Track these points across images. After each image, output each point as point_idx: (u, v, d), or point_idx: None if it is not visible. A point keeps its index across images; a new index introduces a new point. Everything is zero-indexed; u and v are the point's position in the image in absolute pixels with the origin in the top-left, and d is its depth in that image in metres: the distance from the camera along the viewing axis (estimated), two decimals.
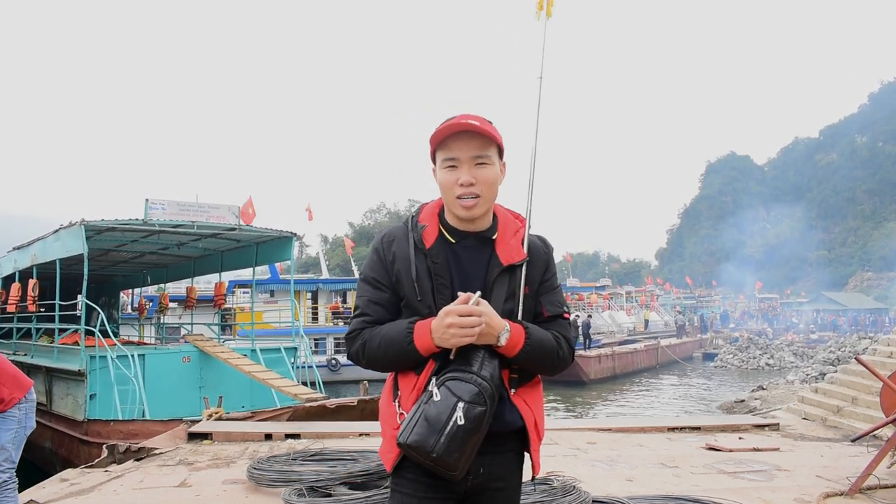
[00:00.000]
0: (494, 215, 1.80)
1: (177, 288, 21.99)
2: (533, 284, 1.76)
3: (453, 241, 1.74)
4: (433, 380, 1.61)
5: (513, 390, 1.70)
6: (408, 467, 1.66)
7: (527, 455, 1.79)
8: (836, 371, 10.82)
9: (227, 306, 22.48)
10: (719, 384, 24.03)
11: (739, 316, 52.14)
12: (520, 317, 1.71)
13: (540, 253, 1.80)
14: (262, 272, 28.59)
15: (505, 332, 1.62)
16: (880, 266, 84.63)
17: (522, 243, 1.76)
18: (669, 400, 20.51)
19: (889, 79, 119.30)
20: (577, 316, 28.68)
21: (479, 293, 1.61)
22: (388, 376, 1.78)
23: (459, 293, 1.61)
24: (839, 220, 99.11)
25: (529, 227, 1.79)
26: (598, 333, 29.97)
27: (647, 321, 43.13)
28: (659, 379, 26.21)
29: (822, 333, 38.03)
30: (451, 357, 1.62)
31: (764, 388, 16.87)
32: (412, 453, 1.56)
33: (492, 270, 1.71)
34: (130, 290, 20.08)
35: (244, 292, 25.57)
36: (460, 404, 1.53)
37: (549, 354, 1.71)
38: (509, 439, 1.72)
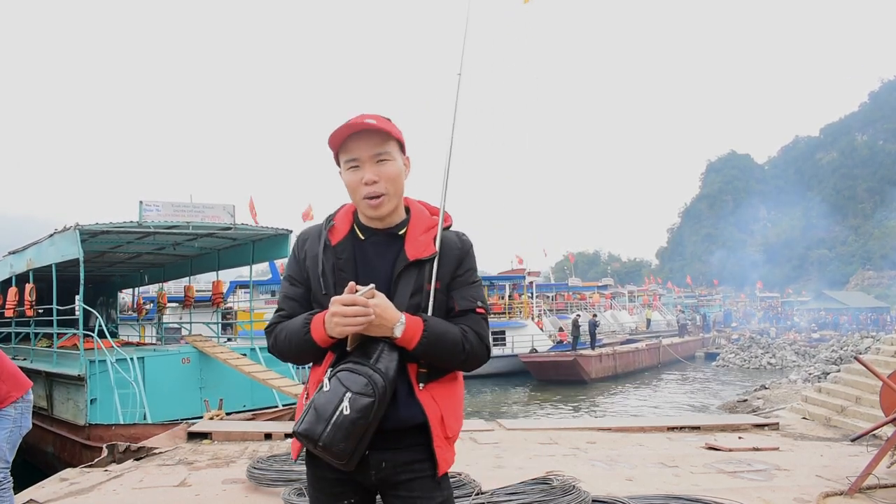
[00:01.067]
0: (408, 210, 1.83)
1: (177, 289, 22.02)
2: (444, 279, 1.76)
3: (363, 237, 1.79)
4: (328, 371, 1.65)
5: (421, 385, 1.70)
6: (318, 461, 1.71)
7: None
8: (838, 370, 10.81)
9: (228, 306, 22.52)
10: (721, 384, 24.00)
11: (742, 315, 52.07)
12: (429, 312, 1.71)
13: (453, 248, 1.79)
14: (264, 272, 28.58)
15: (399, 325, 1.63)
16: (881, 265, 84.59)
17: (434, 239, 1.77)
18: (671, 399, 20.49)
19: (889, 77, 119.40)
20: (578, 315, 28.66)
21: (372, 285, 1.62)
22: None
23: (351, 284, 1.62)
24: (840, 218, 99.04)
25: (442, 222, 1.80)
26: (600, 333, 29.96)
27: (649, 320, 43.11)
28: (660, 378, 26.19)
29: (824, 332, 37.97)
30: (348, 349, 1.65)
31: (766, 388, 16.85)
32: (304, 441, 1.61)
33: (397, 265, 1.74)
34: (132, 290, 20.07)
35: (246, 292, 25.60)
36: (347, 395, 1.57)
37: (453, 348, 1.69)
38: (409, 435, 1.70)
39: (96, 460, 6.18)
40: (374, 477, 1.71)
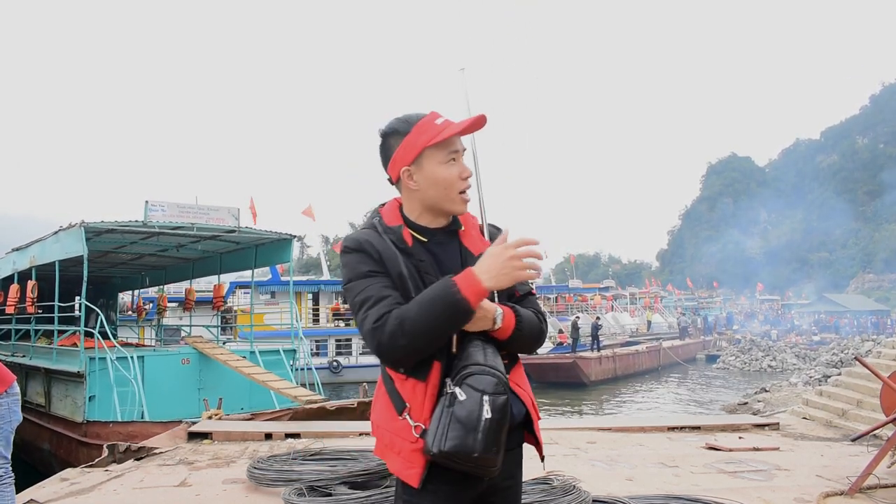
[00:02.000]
0: None
1: (177, 290, 22.00)
2: None
3: (424, 239, 1.73)
4: (448, 382, 1.56)
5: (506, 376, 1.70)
6: (429, 480, 1.60)
7: (528, 443, 1.78)
8: (839, 373, 10.79)
9: (227, 307, 22.51)
10: (722, 386, 24.00)
11: (744, 318, 52.04)
12: (496, 300, 1.69)
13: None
14: (263, 273, 28.57)
15: (499, 314, 1.62)
16: (881, 268, 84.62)
17: (483, 233, 1.78)
18: (671, 402, 20.48)
19: (890, 80, 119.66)
20: (578, 317, 28.64)
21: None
22: (378, 391, 1.72)
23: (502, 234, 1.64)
24: (840, 221, 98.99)
25: (484, 216, 1.80)
26: (601, 335, 29.95)
27: (649, 322, 43.09)
28: (660, 381, 26.16)
29: (825, 335, 37.96)
30: (454, 350, 1.60)
31: (767, 391, 16.83)
32: (450, 461, 1.50)
33: (466, 262, 1.70)
34: (132, 292, 20.09)
35: (245, 293, 25.57)
36: (486, 397, 1.50)
37: (536, 330, 1.72)
38: (516, 431, 1.70)
39: (97, 460, 6.17)
40: (486, 485, 1.64)
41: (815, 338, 36.55)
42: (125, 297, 22.18)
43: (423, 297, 1.56)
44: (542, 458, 1.80)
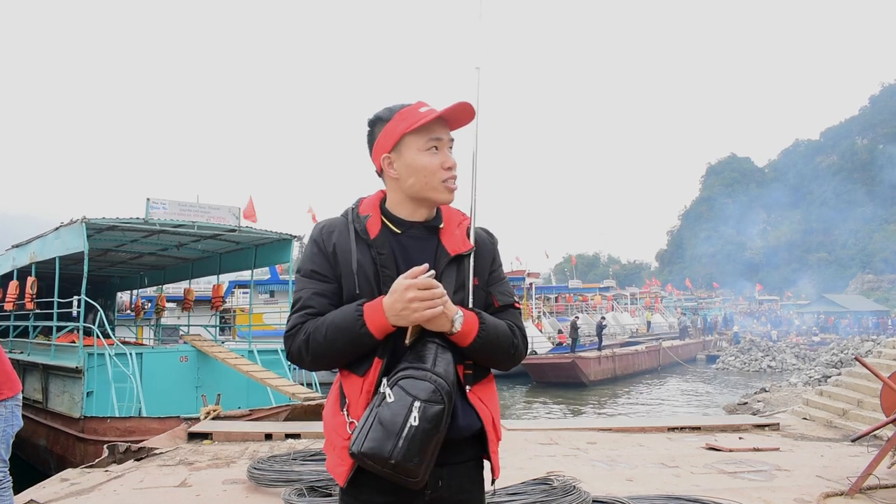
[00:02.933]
0: (438, 206, 1.74)
1: (176, 290, 21.97)
2: (482, 275, 1.70)
3: (398, 231, 1.66)
4: (384, 381, 1.49)
5: (468, 387, 1.61)
6: (360, 484, 1.54)
7: (486, 460, 1.67)
8: (839, 373, 10.80)
9: (226, 307, 22.49)
10: (721, 386, 24.00)
11: (743, 318, 52.01)
12: (471, 306, 1.62)
13: (486, 244, 1.73)
14: (262, 272, 28.49)
15: (459, 316, 1.53)
16: (881, 268, 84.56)
17: (468, 234, 1.68)
18: (670, 402, 20.47)
19: (889, 81, 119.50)
20: (577, 317, 28.63)
21: (432, 271, 1.50)
22: (334, 384, 1.65)
23: (414, 269, 1.50)
24: (839, 222, 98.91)
25: (474, 218, 1.71)
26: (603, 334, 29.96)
27: (649, 323, 43.10)
28: (660, 381, 26.16)
29: (825, 335, 37.97)
30: (407, 342, 1.52)
31: (766, 391, 16.82)
32: (368, 462, 1.42)
33: (439, 261, 1.63)
34: (131, 292, 20.07)
35: (244, 293, 25.53)
36: (416, 403, 1.42)
37: (505, 343, 1.62)
38: (467, 445, 1.61)
39: (97, 461, 6.18)
40: (428, 497, 1.56)
41: (815, 338, 36.56)
42: (124, 297, 22.17)
43: (331, 320, 1.54)
44: (493, 481, 1.69)
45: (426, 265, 1.50)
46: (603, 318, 30.45)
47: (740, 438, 7.02)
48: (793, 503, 4.49)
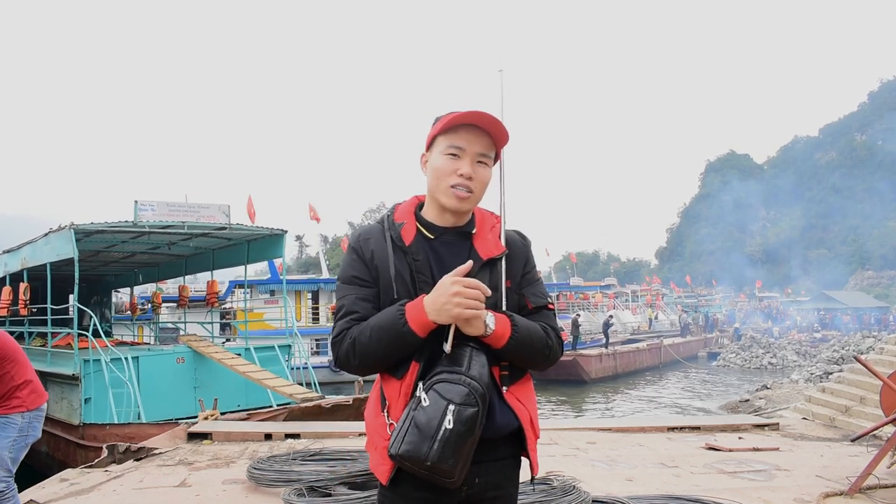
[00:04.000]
0: (472, 212, 1.78)
1: (174, 288, 21.98)
2: (514, 278, 1.73)
3: (431, 236, 1.71)
4: (420, 385, 1.55)
5: (505, 388, 1.66)
6: (401, 481, 1.61)
7: (524, 457, 1.72)
8: (840, 370, 10.79)
9: (227, 306, 22.49)
10: (723, 383, 24.02)
11: (745, 315, 51.98)
12: (504, 309, 1.67)
13: (518, 247, 1.78)
14: (263, 272, 28.44)
15: (490, 317, 1.58)
16: (880, 265, 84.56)
17: (500, 237, 1.73)
18: (671, 400, 20.48)
19: (889, 77, 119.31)
20: (579, 315, 28.64)
21: (470, 262, 1.58)
22: (374, 385, 1.73)
23: (459, 268, 1.56)
24: (839, 218, 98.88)
25: (504, 221, 1.76)
26: (601, 333, 29.95)
27: (651, 320, 43.11)
28: (661, 379, 26.17)
29: (826, 332, 37.97)
30: (447, 349, 1.56)
31: (768, 388, 16.84)
32: (405, 464, 1.50)
33: (473, 265, 1.66)
34: (130, 288, 20.06)
35: (244, 292, 25.48)
36: (451, 407, 1.47)
37: (539, 344, 1.66)
38: (504, 444, 1.67)
39: (96, 461, 6.17)
40: (465, 493, 1.63)
41: (816, 335, 36.57)
42: (124, 297, 22.16)
43: (376, 322, 1.60)
44: (532, 479, 1.77)
45: (470, 262, 1.56)
46: (611, 316, 30.48)
47: (740, 438, 7.02)
48: (792, 503, 4.49)
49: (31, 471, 10.52)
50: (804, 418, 8.70)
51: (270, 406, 10.52)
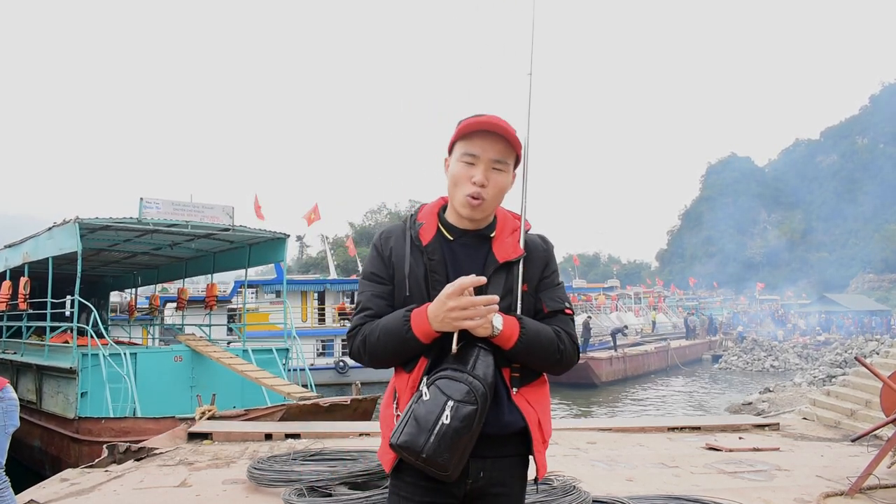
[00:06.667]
0: (494, 215, 1.80)
1: (173, 290, 21.95)
2: (532, 282, 1.75)
3: (451, 238, 1.75)
4: (424, 379, 1.60)
5: (514, 389, 1.68)
6: (407, 470, 1.65)
7: (531, 457, 1.75)
8: (843, 373, 10.74)
9: (233, 307, 22.46)
10: (726, 386, 23.98)
11: (748, 318, 51.85)
12: (518, 312, 1.69)
13: (539, 250, 1.79)
14: (269, 272, 28.39)
15: (499, 321, 1.60)
16: (881, 268, 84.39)
17: (519, 241, 1.75)
18: (677, 403, 20.44)
19: (890, 80, 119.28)
20: (589, 317, 28.55)
21: (483, 278, 1.59)
22: (391, 379, 1.77)
23: (463, 280, 1.57)
24: (840, 221, 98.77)
25: (524, 224, 1.78)
26: (606, 335, 29.85)
27: (654, 322, 43.03)
28: (669, 381, 26.10)
29: (828, 335, 37.87)
30: (454, 349, 1.60)
31: (771, 391, 16.80)
32: (403, 454, 1.55)
33: (488, 267, 1.71)
34: (131, 290, 20.05)
35: (250, 293, 25.44)
36: (450, 403, 1.52)
37: (549, 347, 1.67)
38: (510, 442, 1.69)
39: (96, 461, 6.17)
40: (470, 486, 1.66)
41: (819, 338, 36.50)
42: (125, 297, 22.14)
43: (384, 324, 1.67)
44: (537, 481, 1.81)
45: (475, 278, 1.57)
46: (626, 326, 30.70)
47: (740, 438, 7.02)
48: (793, 503, 4.49)
49: (23, 467, 10.51)
50: (804, 418, 8.68)
51: (267, 405, 10.54)
